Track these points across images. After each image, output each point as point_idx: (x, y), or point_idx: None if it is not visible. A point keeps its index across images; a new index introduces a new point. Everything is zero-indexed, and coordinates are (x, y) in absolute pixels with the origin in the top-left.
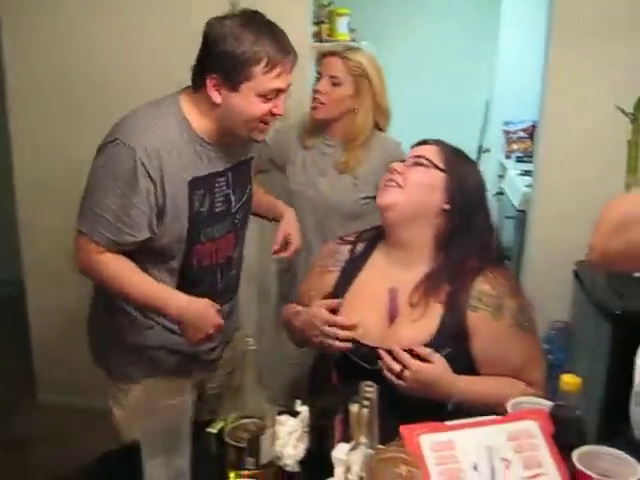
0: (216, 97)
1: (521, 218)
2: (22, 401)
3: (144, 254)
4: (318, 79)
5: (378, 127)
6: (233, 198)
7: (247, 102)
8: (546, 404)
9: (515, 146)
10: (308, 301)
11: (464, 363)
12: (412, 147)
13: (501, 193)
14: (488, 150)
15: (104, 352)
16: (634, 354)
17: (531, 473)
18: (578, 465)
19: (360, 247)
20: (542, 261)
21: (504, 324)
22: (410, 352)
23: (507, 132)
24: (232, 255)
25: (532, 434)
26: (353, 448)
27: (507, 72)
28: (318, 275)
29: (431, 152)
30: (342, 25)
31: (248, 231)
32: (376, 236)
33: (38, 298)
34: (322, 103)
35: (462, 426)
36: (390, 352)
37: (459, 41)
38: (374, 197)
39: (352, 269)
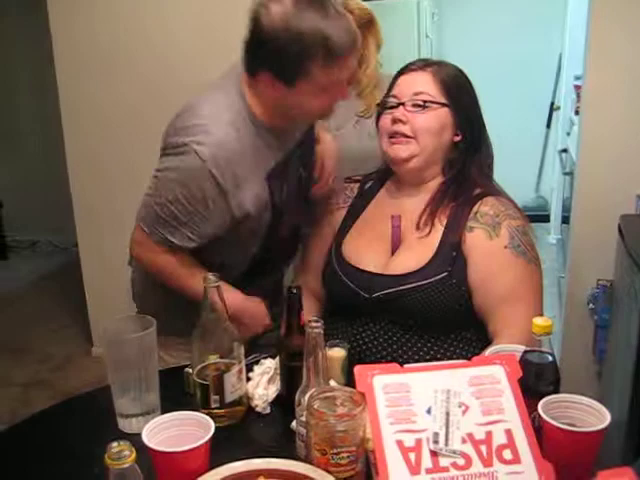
0: (272, 92)
1: None
2: (78, 354)
3: (226, 242)
4: None
5: None
6: (303, 175)
7: (305, 97)
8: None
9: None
10: (316, 241)
11: (460, 290)
12: (399, 75)
13: (566, 150)
14: (558, 107)
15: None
16: None
17: (490, 419)
18: (542, 413)
19: (370, 182)
20: (588, 216)
21: (498, 243)
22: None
23: (578, 87)
24: (300, 231)
25: (497, 379)
26: (303, 390)
27: (577, 26)
28: (329, 213)
29: (428, 85)
30: None
31: None
32: (385, 172)
33: (91, 258)
34: None
35: (421, 369)
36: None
37: None
38: None
39: (360, 204)
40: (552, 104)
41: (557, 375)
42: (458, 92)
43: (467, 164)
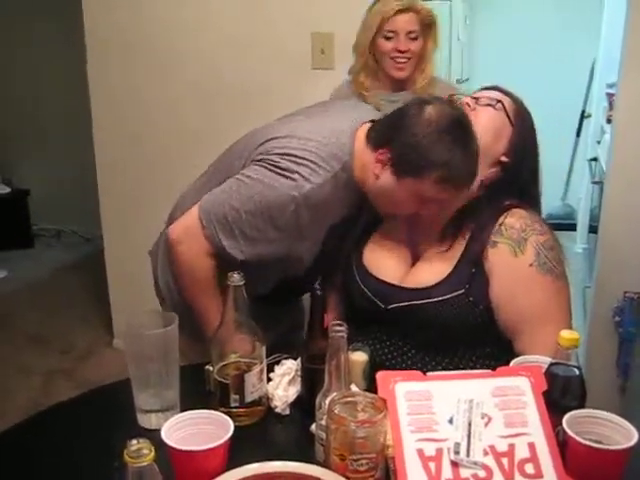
0: (377, 171)
1: None
2: (99, 345)
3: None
4: (389, 38)
5: None
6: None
7: (403, 195)
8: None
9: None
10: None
11: (478, 307)
12: (483, 89)
13: (596, 159)
14: (589, 115)
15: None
16: None
17: (512, 432)
18: (567, 429)
19: None
20: (617, 227)
21: (523, 261)
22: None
23: (610, 95)
24: None
25: (521, 391)
26: (324, 393)
27: (613, 32)
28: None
29: (506, 101)
30: None
31: None
32: None
33: (115, 250)
34: (406, 60)
35: (444, 377)
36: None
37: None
38: None
39: None
40: (583, 112)
41: (583, 389)
42: (525, 120)
43: (504, 187)
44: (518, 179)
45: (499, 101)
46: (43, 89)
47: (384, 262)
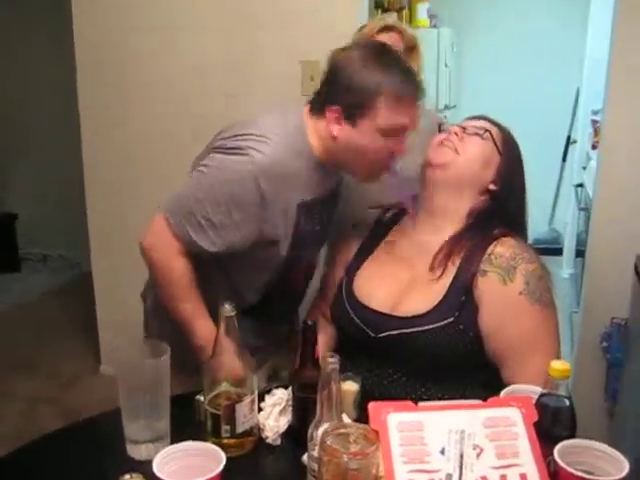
0: (335, 130)
1: None
2: (86, 372)
3: (243, 263)
4: None
5: None
6: (325, 219)
7: (366, 138)
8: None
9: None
10: (330, 271)
11: (466, 336)
12: (469, 118)
13: (582, 185)
14: (575, 141)
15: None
16: None
17: (504, 463)
18: (558, 459)
19: (388, 216)
20: (604, 253)
21: (512, 289)
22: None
23: (595, 121)
24: (310, 280)
25: (513, 422)
26: (316, 424)
27: (597, 60)
28: (342, 244)
29: (493, 130)
30: (422, 11)
31: None
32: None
33: (103, 273)
34: None
35: (436, 408)
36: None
37: (547, 28)
38: None
39: (375, 238)
40: (569, 137)
41: (574, 420)
42: (512, 149)
43: (493, 216)
44: (506, 207)
45: (487, 130)
46: (32, 112)
47: (374, 291)
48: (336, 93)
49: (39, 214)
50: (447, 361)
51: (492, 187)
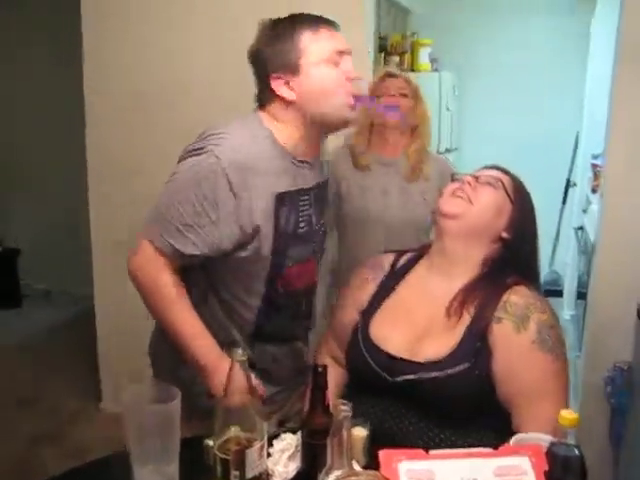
0: (287, 93)
1: None
2: (86, 409)
3: (231, 274)
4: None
5: None
6: (314, 220)
7: (316, 76)
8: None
9: (603, 180)
10: (343, 313)
11: (482, 382)
12: (484, 168)
13: (582, 228)
14: (575, 184)
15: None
16: None
17: None
18: None
19: (403, 260)
20: (606, 297)
21: (525, 338)
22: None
23: (595, 165)
24: (315, 281)
25: (523, 471)
26: (326, 471)
27: (597, 104)
28: (357, 287)
29: (505, 179)
30: (424, 55)
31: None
32: (420, 252)
33: (106, 312)
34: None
35: (446, 456)
36: (412, 363)
37: (547, 71)
38: None
39: (391, 282)
40: (568, 180)
41: (584, 469)
42: (524, 198)
43: (506, 263)
44: (519, 254)
45: (499, 179)
46: (37, 147)
47: (390, 335)
48: (265, 67)
49: (42, 249)
50: (461, 406)
51: (505, 235)
